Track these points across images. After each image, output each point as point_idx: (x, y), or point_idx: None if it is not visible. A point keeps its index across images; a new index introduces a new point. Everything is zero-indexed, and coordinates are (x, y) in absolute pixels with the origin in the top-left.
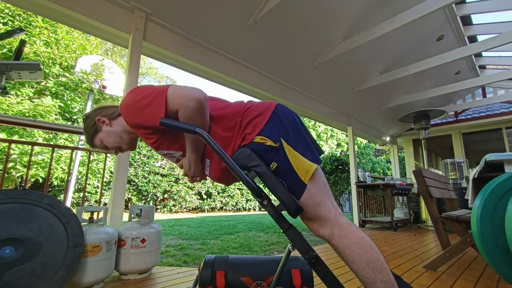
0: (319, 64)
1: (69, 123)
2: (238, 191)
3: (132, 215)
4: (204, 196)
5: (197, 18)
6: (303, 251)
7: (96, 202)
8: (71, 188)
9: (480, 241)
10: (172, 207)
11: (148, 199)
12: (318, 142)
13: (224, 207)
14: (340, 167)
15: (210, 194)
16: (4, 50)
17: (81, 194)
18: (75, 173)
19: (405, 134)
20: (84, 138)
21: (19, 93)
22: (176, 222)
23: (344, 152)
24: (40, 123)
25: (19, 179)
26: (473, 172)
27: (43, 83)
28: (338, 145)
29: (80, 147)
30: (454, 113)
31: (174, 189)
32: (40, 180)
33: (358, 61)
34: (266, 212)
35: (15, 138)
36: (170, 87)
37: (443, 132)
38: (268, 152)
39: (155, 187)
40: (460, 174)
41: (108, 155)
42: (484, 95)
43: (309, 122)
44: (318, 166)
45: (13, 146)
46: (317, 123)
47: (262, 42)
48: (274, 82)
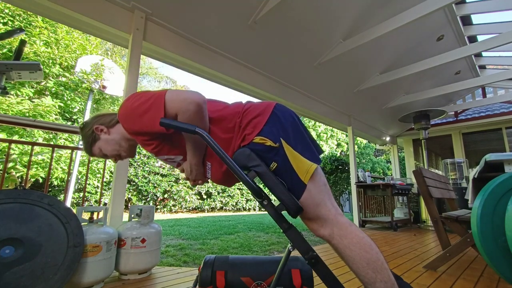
0: (319, 64)
1: (69, 123)
2: (238, 191)
3: (132, 215)
4: (204, 196)
5: (197, 18)
6: (303, 251)
7: (96, 202)
8: (71, 188)
9: (480, 241)
10: (172, 207)
11: (148, 199)
12: (318, 142)
13: (224, 207)
14: (340, 167)
15: (210, 194)
16: (4, 50)
17: (81, 194)
18: (75, 173)
19: (405, 134)
20: (82, 147)
21: (19, 93)
22: (176, 222)
23: (344, 152)
24: (40, 123)
25: (19, 179)
26: (473, 172)
27: (43, 83)
28: (338, 145)
29: (80, 147)
30: (454, 113)
31: (174, 189)
32: (40, 180)
33: (358, 61)
34: (266, 212)
35: (15, 138)
36: (168, 92)
37: (443, 132)
38: (268, 152)
39: (155, 187)
40: (460, 174)
41: None
42: (484, 95)
43: (309, 122)
44: (318, 166)
45: (13, 146)
46: (317, 123)
47: (262, 42)
48: (274, 82)
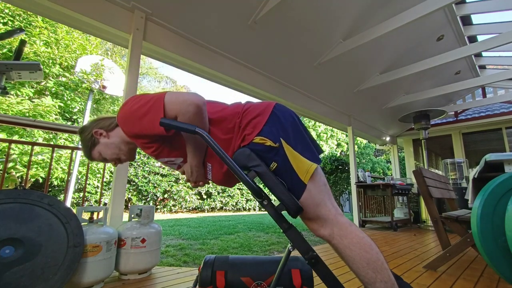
0: (319, 64)
1: (69, 123)
2: (238, 191)
3: (132, 215)
4: (204, 196)
5: (197, 18)
6: (303, 251)
7: (96, 202)
8: (71, 188)
9: (480, 241)
10: (172, 207)
11: (148, 199)
12: (318, 142)
13: (224, 207)
14: (340, 167)
15: (210, 194)
16: (4, 50)
17: (81, 194)
18: (75, 173)
19: (405, 134)
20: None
21: (19, 93)
22: (176, 222)
23: (344, 152)
24: (40, 123)
25: (19, 179)
26: (473, 172)
27: (43, 83)
28: (338, 145)
29: (80, 147)
30: (454, 113)
31: (174, 189)
32: (40, 180)
33: (358, 61)
34: (266, 212)
35: (15, 138)
36: (167, 94)
37: (443, 132)
38: (268, 152)
39: (155, 187)
40: (460, 174)
41: None
42: (484, 95)
43: (309, 122)
44: (318, 165)
45: (13, 146)
46: (317, 123)
47: (262, 42)
48: (274, 82)
